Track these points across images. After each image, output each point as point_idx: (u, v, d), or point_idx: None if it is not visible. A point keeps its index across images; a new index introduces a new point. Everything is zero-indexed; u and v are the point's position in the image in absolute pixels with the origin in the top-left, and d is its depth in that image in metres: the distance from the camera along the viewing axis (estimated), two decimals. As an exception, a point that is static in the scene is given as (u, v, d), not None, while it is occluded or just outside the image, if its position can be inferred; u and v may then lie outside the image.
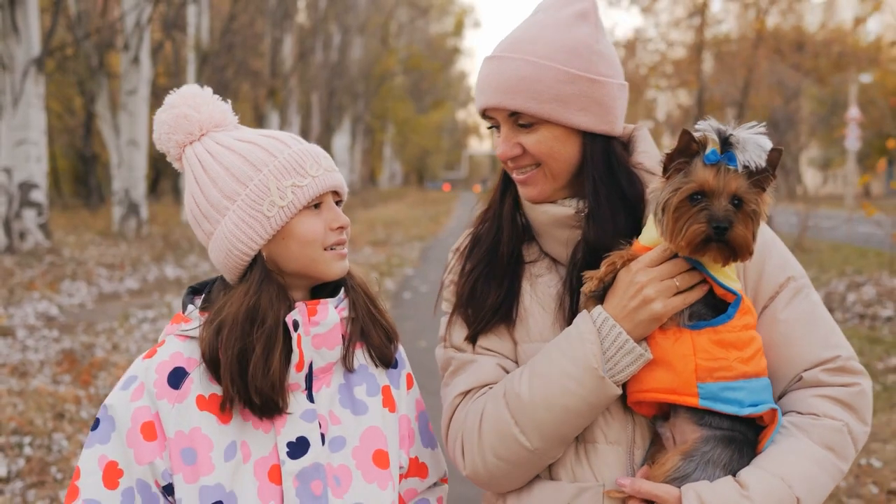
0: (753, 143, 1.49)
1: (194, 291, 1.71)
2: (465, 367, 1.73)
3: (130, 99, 17.34)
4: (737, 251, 1.51)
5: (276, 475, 1.57)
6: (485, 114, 1.71)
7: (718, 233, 1.48)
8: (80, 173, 30.27)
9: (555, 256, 1.75)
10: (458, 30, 64.22)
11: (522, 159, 1.68)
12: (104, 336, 8.43)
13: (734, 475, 1.54)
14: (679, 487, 1.52)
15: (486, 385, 1.70)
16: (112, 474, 1.55)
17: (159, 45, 20.80)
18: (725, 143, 1.50)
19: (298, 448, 1.58)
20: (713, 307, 1.58)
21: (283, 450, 1.57)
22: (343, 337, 1.66)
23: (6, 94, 13.16)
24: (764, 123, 1.53)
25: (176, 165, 1.69)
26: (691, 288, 1.58)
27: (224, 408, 1.56)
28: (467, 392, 1.71)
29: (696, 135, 1.52)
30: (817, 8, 36.71)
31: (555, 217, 1.71)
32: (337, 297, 1.66)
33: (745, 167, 1.48)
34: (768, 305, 1.66)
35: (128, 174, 17.32)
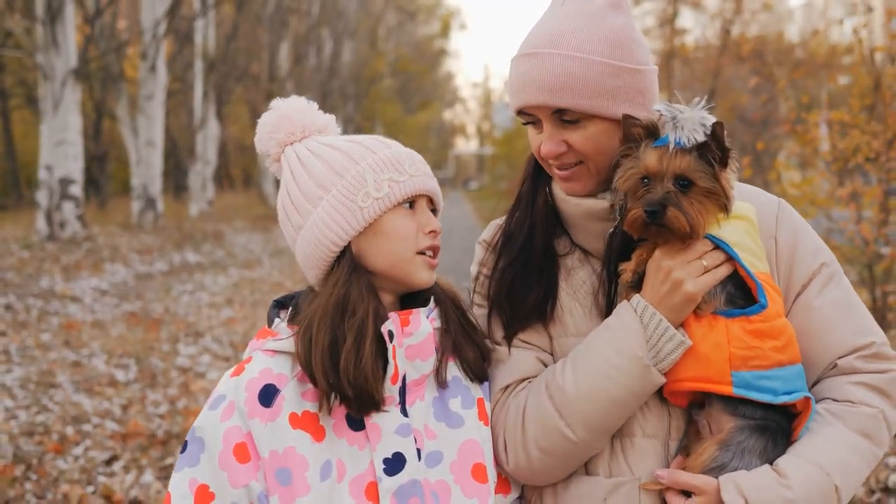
0: (691, 121, 1.47)
1: (280, 305, 1.67)
2: (504, 361, 1.71)
3: (148, 103, 18.99)
4: (674, 233, 1.50)
5: (372, 493, 1.52)
6: (521, 111, 1.65)
7: (651, 216, 1.48)
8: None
9: (588, 249, 1.73)
10: (445, 32, 65.63)
11: (567, 156, 1.63)
12: (155, 303, 10.31)
13: (770, 464, 1.52)
14: (717, 477, 1.51)
15: (526, 379, 1.69)
16: (204, 498, 1.50)
17: (174, 56, 22.59)
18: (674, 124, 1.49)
19: (395, 464, 1.53)
20: (743, 288, 1.57)
21: (380, 466, 1.53)
22: (435, 349, 1.62)
23: (47, 100, 14.91)
24: (705, 100, 1.53)
25: (273, 168, 1.67)
26: (719, 266, 1.55)
27: (321, 408, 1.52)
28: (507, 387, 1.69)
29: (642, 119, 1.54)
30: (794, 14, 38.45)
31: (589, 210, 1.67)
32: (428, 308, 1.62)
33: (699, 147, 1.48)
34: (802, 292, 1.63)
35: (146, 171, 18.94)
